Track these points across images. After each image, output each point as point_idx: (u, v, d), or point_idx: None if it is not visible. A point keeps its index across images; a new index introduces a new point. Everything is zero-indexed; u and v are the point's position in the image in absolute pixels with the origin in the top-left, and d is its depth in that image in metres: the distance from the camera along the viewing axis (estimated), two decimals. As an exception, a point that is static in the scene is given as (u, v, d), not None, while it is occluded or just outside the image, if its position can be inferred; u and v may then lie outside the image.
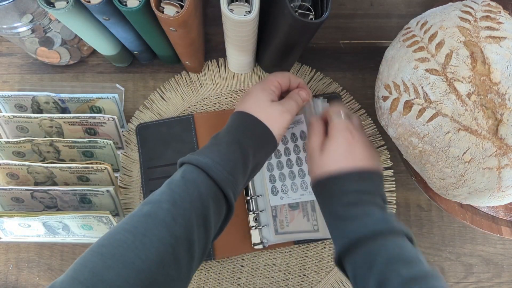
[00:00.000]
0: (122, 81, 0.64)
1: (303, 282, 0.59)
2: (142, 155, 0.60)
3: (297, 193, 0.57)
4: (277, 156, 0.58)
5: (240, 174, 0.43)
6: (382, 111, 0.51)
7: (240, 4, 0.45)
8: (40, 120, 0.57)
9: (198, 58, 0.59)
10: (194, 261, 0.38)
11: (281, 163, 0.58)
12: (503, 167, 0.44)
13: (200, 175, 0.41)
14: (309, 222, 0.56)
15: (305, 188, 0.57)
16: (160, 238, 0.35)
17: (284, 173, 0.57)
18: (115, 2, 0.43)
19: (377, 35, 0.66)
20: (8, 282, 0.59)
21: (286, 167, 0.58)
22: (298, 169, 0.57)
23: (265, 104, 0.47)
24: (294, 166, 0.57)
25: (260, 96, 0.47)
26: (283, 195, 0.57)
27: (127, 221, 0.37)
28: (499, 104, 0.43)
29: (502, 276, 0.61)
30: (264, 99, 0.47)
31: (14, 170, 0.56)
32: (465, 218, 0.55)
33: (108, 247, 0.34)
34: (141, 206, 0.38)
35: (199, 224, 0.39)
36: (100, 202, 0.56)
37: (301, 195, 0.57)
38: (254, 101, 0.47)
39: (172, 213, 0.37)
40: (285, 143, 0.58)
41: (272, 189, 0.57)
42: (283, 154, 0.58)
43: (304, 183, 0.57)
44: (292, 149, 0.58)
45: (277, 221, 0.57)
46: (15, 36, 0.56)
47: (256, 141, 0.45)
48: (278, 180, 0.57)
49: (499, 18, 0.46)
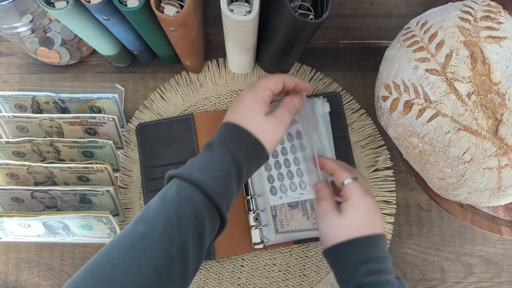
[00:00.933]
0: (122, 81, 0.64)
1: (303, 282, 0.59)
2: (142, 155, 0.60)
3: (296, 192, 0.57)
4: (274, 156, 0.58)
5: (234, 190, 0.43)
6: (382, 111, 0.51)
7: (240, 4, 0.45)
8: (40, 120, 0.57)
9: (198, 58, 0.59)
10: (188, 278, 0.39)
11: (278, 163, 0.58)
12: (503, 167, 0.44)
13: (195, 192, 0.40)
14: (309, 221, 0.57)
15: (303, 187, 0.57)
16: (156, 260, 0.36)
17: (282, 173, 0.57)
18: (115, 2, 0.43)
19: (377, 35, 0.66)
20: (8, 282, 0.59)
21: (284, 166, 0.57)
22: (296, 168, 0.57)
23: (259, 117, 0.45)
24: (292, 166, 0.57)
25: (253, 108, 0.46)
26: (282, 194, 0.57)
27: (122, 240, 0.37)
28: (499, 104, 0.43)
29: (502, 276, 0.61)
30: (258, 111, 0.46)
31: (14, 170, 0.56)
32: (465, 218, 0.55)
33: (106, 267, 0.35)
34: (136, 224, 0.38)
35: (194, 241, 0.38)
36: (100, 202, 0.56)
37: (300, 194, 0.57)
38: (248, 114, 0.46)
39: (168, 232, 0.37)
40: (282, 142, 0.58)
41: (271, 189, 0.57)
42: (280, 154, 0.58)
43: (303, 182, 0.57)
44: (289, 148, 0.58)
45: (277, 220, 0.57)
46: (15, 36, 0.56)
47: (250, 157, 0.44)
48: (277, 180, 0.57)
49: (499, 18, 0.46)
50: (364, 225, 0.44)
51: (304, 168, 0.57)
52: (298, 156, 0.57)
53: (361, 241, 0.43)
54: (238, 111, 0.46)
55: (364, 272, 0.42)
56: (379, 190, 0.61)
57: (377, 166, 0.62)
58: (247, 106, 0.46)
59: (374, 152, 0.62)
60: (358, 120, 0.63)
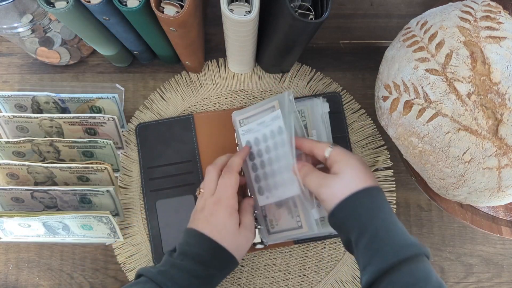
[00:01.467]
0: (122, 81, 0.64)
1: (303, 282, 0.59)
2: (142, 154, 0.61)
3: (279, 190, 0.55)
4: (259, 155, 0.56)
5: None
6: (382, 111, 0.51)
7: (240, 4, 0.45)
8: (40, 120, 0.57)
9: (198, 58, 0.59)
10: None
11: (263, 163, 0.56)
12: (503, 167, 0.44)
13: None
14: (293, 219, 0.55)
15: (287, 184, 0.54)
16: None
17: (267, 172, 0.56)
18: (115, 2, 0.43)
19: (377, 35, 0.66)
20: (8, 282, 0.59)
21: (268, 165, 0.55)
22: (278, 166, 0.54)
23: (232, 232, 0.48)
24: (274, 163, 0.55)
25: (228, 225, 0.48)
26: (268, 194, 0.55)
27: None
28: (499, 104, 0.43)
29: (502, 276, 0.61)
30: (233, 227, 0.48)
31: (14, 170, 0.56)
32: (465, 218, 0.55)
33: None
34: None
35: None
36: (100, 202, 0.56)
37: (283, 192, 0.54)
38: (223, 230, 0.48)
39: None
40: (265, 141, 0.56)
41: (259, 189, 0.56)
42: (264, 152, 0.56)
43: (284, 179, 0.54)
44: (273, 146, 0.55)
45: (267, 220, 0.56)
46: (15, 36, 0.56)
47: (223, 272, 0.48)
48: (263, 180, 0.56)
49: (499, 18, 0.46)
50: (364, 178, 0.44)
51: (281, 153, 0.54)
52: (280, 153, 0.55)
53: (369, 190, 0.44)
54: (212, 225, 0.48)
55: (383, 218, 0.42)
56: (379, 190, 0.61)
57: (377, 166, 0.62)
58: (222, 223, 0.48)
59: (374, 152, 0.62)
60: (358, 120, 0.63)
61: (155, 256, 0.58)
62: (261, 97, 0.63)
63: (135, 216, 0.60)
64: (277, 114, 0.55)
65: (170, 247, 0.49)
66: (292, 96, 0.54)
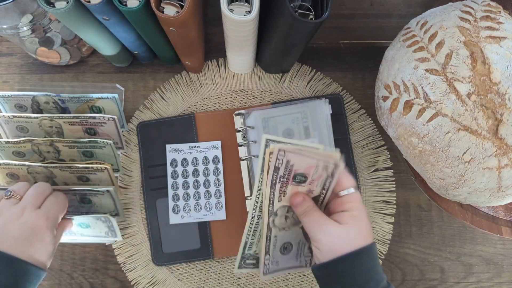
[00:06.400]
0: (122, 81, 0.64)
1: (303, 282, 0.59)
2: (143, 153, 0.61)
3: (199, 213, 0.58)
4: (184, 176, 0.59)
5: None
6: (382, 111, 0.51)
7: (240, 4, 0.45)
8: (40, 120, 0.57)
9: (198, 58, 0.59)
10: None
11: (187, 183, 0.59)
12: (503, 167, 0.44)
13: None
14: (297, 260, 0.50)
15: (208, 209, 0.59)
16: None
17: (189, 193, 0.59)
18: (115, 2, 0.43)
19: (377, 35, 0.66)
20: (8, 282, 0.59)
21: (192, 187, 0.59)
22: (205, 191, 0.59)
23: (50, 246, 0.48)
24: (201, 187, 0.59)
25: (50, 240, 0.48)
26: (185, 214, 0.58)
27: None
28: (499, 104, 0.43)
29: (502, 276, 0.61)
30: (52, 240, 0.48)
31: (14, 170, 0.56)
32: (465, 218, 0.55)
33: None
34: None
35: None
36: (100, 202, 0.56)
37: (204, 215, 0.59)
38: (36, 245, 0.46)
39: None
40: (195, 164, 0.59)
41: (174, 208, 0.59)
42: (191, 175, 0.59)
43: (209, 204, 0.59)
44: (202, 171, 0.59)
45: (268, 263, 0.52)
46: (15, 36, 0.56)
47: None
48: (182, 199, 0.59)
49: (499, 18, 0.46)
50: (366, 234, 0.43)
51: (213, 191, 0.58)
52: (209, 179, 0.59)
53: (370, 248, 0.42)
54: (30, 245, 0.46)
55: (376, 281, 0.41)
56: (379, 190, 0.61)
57: (377, 166, 0.62)
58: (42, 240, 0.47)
59: (374, 152, 0.62)
60: (358, 120, 0.63)
61: (155, 256, 0.58)
62: (261, 97, 0.63)
63: (135, 216, 0.60)
64: (215, 145, 0.59)
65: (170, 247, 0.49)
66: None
